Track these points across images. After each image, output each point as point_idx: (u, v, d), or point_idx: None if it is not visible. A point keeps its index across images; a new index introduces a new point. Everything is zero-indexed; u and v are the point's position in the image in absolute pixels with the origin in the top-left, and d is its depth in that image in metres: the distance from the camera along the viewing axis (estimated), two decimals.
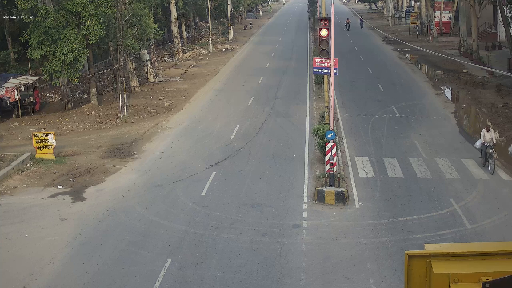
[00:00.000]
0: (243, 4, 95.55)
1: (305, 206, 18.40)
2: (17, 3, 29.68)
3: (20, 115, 31.73)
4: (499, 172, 21.39)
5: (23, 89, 31.72)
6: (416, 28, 68.35)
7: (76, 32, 30.91)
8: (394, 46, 58.73)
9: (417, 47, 50.36)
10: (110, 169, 22.65)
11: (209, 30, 69.05)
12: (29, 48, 30.58)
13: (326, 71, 23.21)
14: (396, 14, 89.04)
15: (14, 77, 33.09)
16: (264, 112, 31.68)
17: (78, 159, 24.07)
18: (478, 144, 22.07)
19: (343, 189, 18.98)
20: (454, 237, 16.06)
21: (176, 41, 56.42)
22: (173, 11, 54.75)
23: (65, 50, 30.06)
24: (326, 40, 22.51)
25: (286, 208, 18.26)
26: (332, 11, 21.77)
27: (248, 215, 17.79)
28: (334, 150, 19.64)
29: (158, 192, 19.96)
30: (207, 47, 63.54)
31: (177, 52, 56.25)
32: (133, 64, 40.66)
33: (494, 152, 21.79)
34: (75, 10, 30.68)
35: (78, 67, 32.07)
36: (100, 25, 31.03)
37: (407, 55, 53.62)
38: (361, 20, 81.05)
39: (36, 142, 23.49)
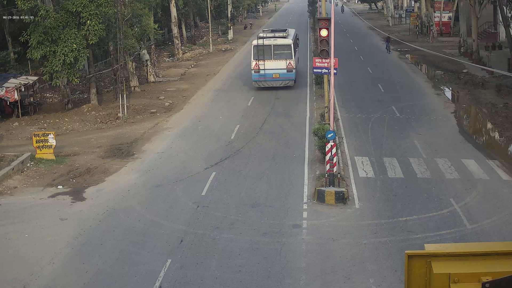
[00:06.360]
0: (243, 4, 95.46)
1: (305, 206, 18.39)
2: (17, 3, 29.68)
3: (20, 115, 31.74)
4: (499, 172, 21.39)
5: (23, 89, 31.73)
6: (416, 28, 68.30)
7: (76, 32, 30.90)
8: (394, 46, 58.62)
9: (417, 47, 50.33)
10: (110, 169, 22.66)
11: (209, 30, 68.98)
12: (29, 48, 30.57)
13: (326, 71, 23.20)
14: (396, 14, 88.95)
15: (14, 77, 33.09)
16: (264, 112, 31.66)
17: (78, 159, 24.07)
18: None
19: (343, 189, 18.98)
20: (454, 237, 16.06)
21: (176, 41, 56.39)
22: (173, 11, 54.71)
23: (65, 50, 30.06)
24: (326, 40, 22.52)
25: (286, 208, 18.26)
26: (332, 11, 21.79)
27: (248, 215, 17.79)
28: (334, 150, 19.62)
29: (158, 192, 19.97)
30: (207, 47, 63.49)
31: (177, 52, 56.22)
32: (133, 64, 40.65)
33: None
34: (75, 10, 30.66)
35: (78, 67, 32.08)
36: (100, 25, 31.02)
37: (407, 55, 53.57)
38: (387, 40, 55.47)
39: (36, 142, 23.49)
